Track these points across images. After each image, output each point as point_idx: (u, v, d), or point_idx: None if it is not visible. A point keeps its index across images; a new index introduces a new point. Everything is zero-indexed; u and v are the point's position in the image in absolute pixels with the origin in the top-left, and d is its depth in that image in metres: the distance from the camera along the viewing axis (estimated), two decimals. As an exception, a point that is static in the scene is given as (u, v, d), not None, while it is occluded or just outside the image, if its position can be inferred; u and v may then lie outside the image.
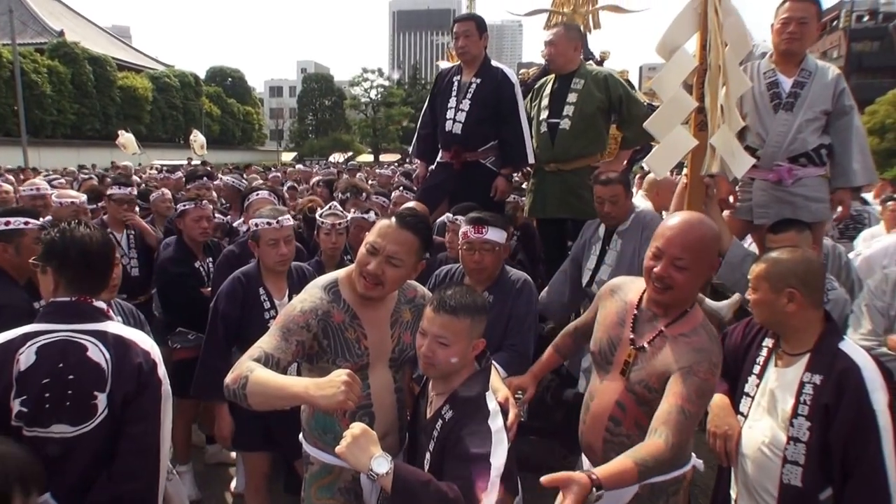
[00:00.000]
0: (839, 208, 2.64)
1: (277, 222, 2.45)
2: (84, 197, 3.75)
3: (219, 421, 2.45)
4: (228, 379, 1.47)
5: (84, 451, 1.45)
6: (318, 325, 1.64)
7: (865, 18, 38.97)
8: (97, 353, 1.48)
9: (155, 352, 1.58)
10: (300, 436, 1.84)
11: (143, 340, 1.59)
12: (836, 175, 2.61)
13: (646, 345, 1.59)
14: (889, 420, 1.52)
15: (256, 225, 2.48)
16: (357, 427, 1.35)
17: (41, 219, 2.44)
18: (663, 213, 3.51)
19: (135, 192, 3.92)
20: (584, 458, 1.81)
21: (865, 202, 4.85)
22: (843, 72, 2.71)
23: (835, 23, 34.64)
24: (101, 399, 1.46)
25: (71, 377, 1.44)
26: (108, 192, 3.98)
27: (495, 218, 2.35)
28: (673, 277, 1.53)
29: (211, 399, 2.56)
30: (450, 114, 3.46)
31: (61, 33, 28.55)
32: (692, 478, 1.78)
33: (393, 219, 1.68)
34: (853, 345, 1.68)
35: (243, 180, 5.45)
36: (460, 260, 2.41)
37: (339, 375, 1.34)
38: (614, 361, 1.65)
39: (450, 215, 3.00)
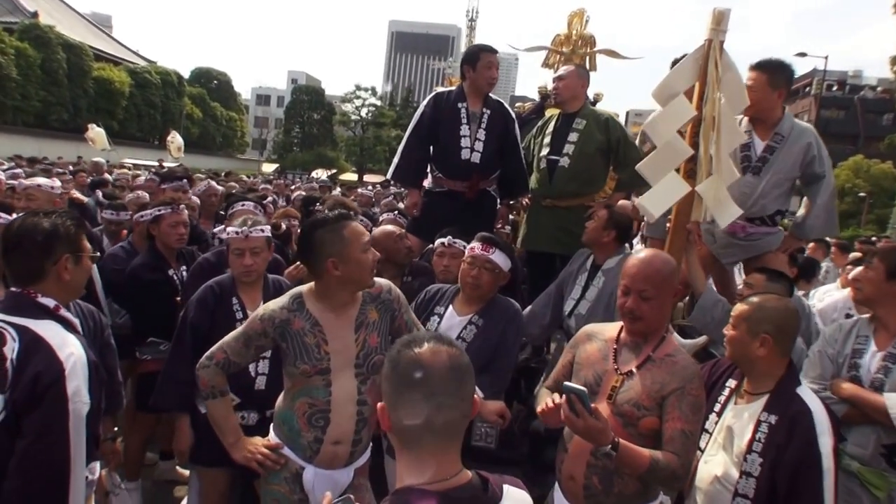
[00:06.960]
0: None
1: (243, 233, 2.50)
2: (57, 183, 3.91)
3: (178, 434, 2.48)
4: (199, 382, 1.97)
5: None
6: (276, 332, 1.93)
7: (835, 88, 42.65)
8: (11, 350, 1.45)
9: (71, 363, 1.47)
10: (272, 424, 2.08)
11: (64, 347, 1.49)
12: (795, 222, 2.96)
13: (633, 369, 1.82)
14: (832, 463, 1.75)
15: (227, 233, 2.59)
16: None
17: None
18: None
19: (126, 214, 4.03)
20: (556, 490, 1.96)
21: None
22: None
23: (808, 88, 37.49)
24: (0, 400, 1.43)
25: None
26: (101, 214, 4.17)
27: (505, 244, 2.54)
28: (641, 308, 1.80)
29: (171, 411, 2.59)
30: (465, 142, 3.59)
31: (35, 14, 28.08)
32: None
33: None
34: (808, 390, 1.92)
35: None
36: (459, 273, 2.53)
37: (257, 446, 1.95)
38: (600, 391, 1.85)
39: (449, 238, 2.92)
